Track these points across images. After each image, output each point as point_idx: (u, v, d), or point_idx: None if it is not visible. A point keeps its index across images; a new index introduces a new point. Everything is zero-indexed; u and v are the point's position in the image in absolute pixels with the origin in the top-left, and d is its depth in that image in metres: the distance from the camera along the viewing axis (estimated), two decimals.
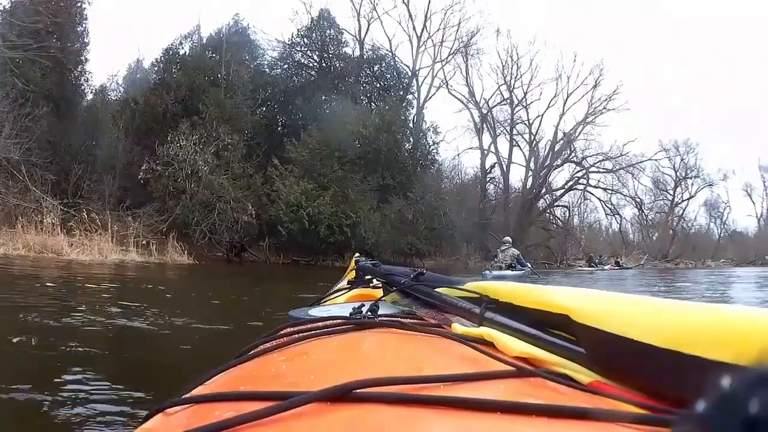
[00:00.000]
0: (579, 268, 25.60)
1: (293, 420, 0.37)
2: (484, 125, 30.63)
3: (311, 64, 22.49)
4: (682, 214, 39.76)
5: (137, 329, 3.46)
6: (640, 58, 64.41)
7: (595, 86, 31.55)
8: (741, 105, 64.70)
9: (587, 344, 0.50)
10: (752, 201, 44.41)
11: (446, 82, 28.28)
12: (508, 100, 30.98)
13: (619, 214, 34.73)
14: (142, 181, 15.06)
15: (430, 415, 0.37)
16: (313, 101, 19.18)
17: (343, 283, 1.83)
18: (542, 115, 31.85)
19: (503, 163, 31.16)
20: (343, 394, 0.39)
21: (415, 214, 19.46)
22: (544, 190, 31.80)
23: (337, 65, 22.24)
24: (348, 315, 0.84)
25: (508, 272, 12.69)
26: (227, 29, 19.88)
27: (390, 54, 24.82)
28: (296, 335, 0.71)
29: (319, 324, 0.76)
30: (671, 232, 37.91)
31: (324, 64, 22.15)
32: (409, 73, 25.43)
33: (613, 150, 32.55)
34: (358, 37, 23.84)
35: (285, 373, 0.55)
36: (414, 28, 25.85)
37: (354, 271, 1.76)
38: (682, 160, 37.99)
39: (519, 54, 31.04)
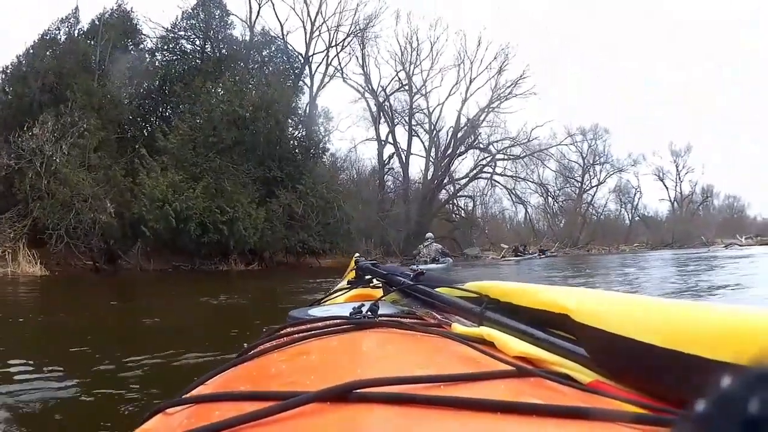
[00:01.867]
0: (505, 258, 25.58)
1: (293, 420, 0.37)
2: (381, 114, 29.33)
3: (195, 49, 20.63)
4: (591, 200, 39.88)
5: None
6: (549, 42, 63.72)
7: (499, 71, 30.55)
8: (652, 90, 66.96)
9: (587, 344, 0.50)
10: (665, 185, 44.99)
11: (341, 69, 26.88)
12: (407, 87, 29.69)
13: (524, 202, 34.24)
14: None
15: (430, 415, 0.37)
16: (192, 87, 17.15)
17: (343, 283, 1.82)
18: (443, 103, 30.84)
19: (402, 153, 30.05)
20: (343, 394, 0.39)
21: (305, 209, 17.70)
22: (446, 180, 30.81)
23: (223, 50, 20.44)
24: (348, 315, 0.83)
25: (432, 265, 13.41)
26: (108, 13, 18.41)
27: (281, 39, 23.22)
28: (296, 335, 0.70)
29: (319, 324, 0.76)
30: (580, 218, 37.75)
31: (209, 49, 20.37)
32: (302, 60, 23.88)
33: (521, 136, 32.01)
34: (248, 21, 22.20)
35: (285, 373, 0.54)
36: (308, 13, 24.39)
37: (354, 270, 1.75)
38: (590, 146, 38.04)
39: (419, 39, 29.84)
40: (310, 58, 24.48)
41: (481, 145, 31.45)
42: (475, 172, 31.81)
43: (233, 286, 10.30)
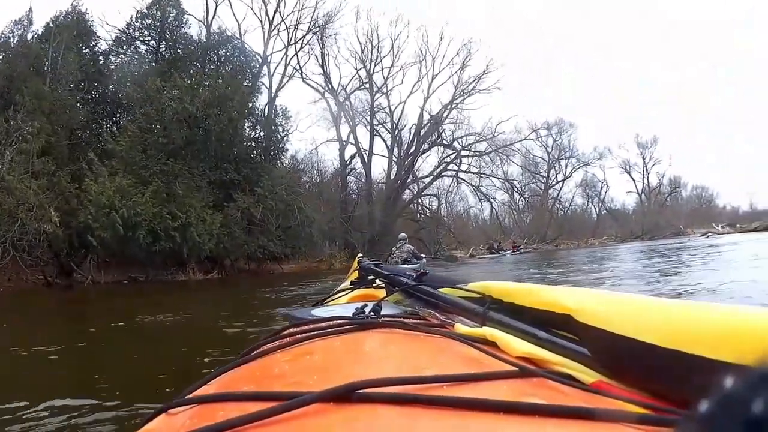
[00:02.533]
0: (480, 257, 25.38)
1: (297, 420, 0.37)
2: (342, 114, 28.24)
3: (149, 50, 19.98)
4: (558, 195, 39.66)
5: None
6: (514, 37, 64.29)
7: (462, 67, 29.69)
8: (616, 84, 69.49)
9: (590, 344, 0.50)
10: (632, 178, 44.88)
11: (300, 69, 25.90)
12: (367, 85, 28.63)
13: (490, 199, 33.35)
14: None
15: (433, 415, 0.37)
16: (146, 89, 16.18)
17: (346, 284, 1.83)
18: (405, 102, 30.14)
19: (364, 153, 28.87)
20: (346, 394, 0.39)
21: (264, 212, 16.69)
22: (410, 179, 29.95)
23: (179, 50, 19.69)
24: (351, 315, 0.83)
25: (404, 266, 13.50)
26: (63, 15, 17.95)
27: (239, 39, 22.29)
28: (299, 335, 0.70)
29: (323, 324, 0.75)
30: (547, 214, 37.42)
31: (163, 49, 19.65)
32: (260, 59, 22.82)
33: (486, 131, 31.24)
34: (205, 21, 21.44)
35: (288, 373, 0.54)
36: (266, 12, 23.49)
37: (357, 271, 1.75)
38: (555, 141, 37.73)
39: (380, 36, 28.82)
40: (269, 58, 23.72)
41: (445, 142, 30.89)
42: (439, 170, 31.14)
43: (184, 299, 9.45)
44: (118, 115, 18.95)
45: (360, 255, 2.68)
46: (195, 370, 3.13)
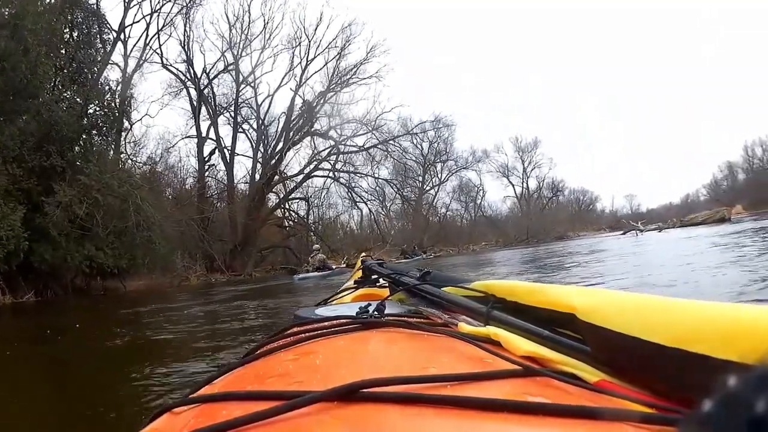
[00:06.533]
0: (397, 261, 23.77)
1: (300, 419, 0.37)
2: (203, 104, 24.53)
3: None
4: (434, 200, 38.18)
5: None
6: (400, 26, 64.13)
7: (341, 53, 26.22)
8: (496, 86, 69.93)
9: (593, 343, 0.50)
10: (510, 182, 44.64)
11: (161, 53, 22.45)
12: (233, 69, 24.97)
13: (366, 201, 29.91)
14: None
15: (437, 414, 0.37)
16: None
17: (350, 283, 1.83)
18: (273, 95, 26.24)
19: (226, 151, 25.09)
20: (349, 394, 0.39)
21: (90, 209, 12.22)
22: (277, 178, 26.16)
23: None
24: (354, 314, 0.84)
25: (315, 273, 13.92)
26: None
27: (93, 4, 17.75)
28: (303, 335, 0.70)
29: (326, 323, 0.76)
30: (423, 219, 35.64)
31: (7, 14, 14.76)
32: (113, 36, 18.97)
33: (368, 123, 27.46)
34: None
35: (292, 373, 0.54)
36: None
37: (360, 270, 1.76)
38: (431, 143, 35.99)
39: (252, 16, 24.90)
40: (124, 32, 19.96)
41: (320, 132, 27.25)
42: (311, 167, 27.38)
43: None
44: None
45: (363, 254, 2.68)
46: None
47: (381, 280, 1.51)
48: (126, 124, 17.72)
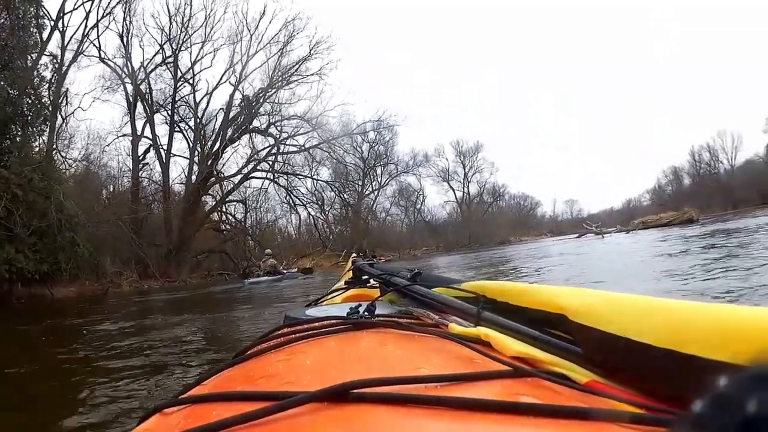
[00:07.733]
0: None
1: (290, 420, 0.37)
2: (138, 102, 23.54)
3: None
4: (373, 205, 37.87)
5: None
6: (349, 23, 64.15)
7: (282, 51, 25.32)
8: (450, 83, 70.60)
9: (584, 344, 0.50)
10: (451, 187, 44.87)
11: (99, 46, 21.39)
12: (171, 63, 24.11)
13: (305, 203, 28.86)
14: None
15: (427, 415, 0.37)
16: None
17: (341, 284, 1.82)
18: (212, 92, 25.46)
19: (162, 150, 24.12)
20: (339, 394, 0.39)
21: (8, 205, 11.23)
22: (213, 179, 25.35)
23: None
24: (345, 315, 0.83)
25: (266, 278, 14.32)
26: None
27: None
28: (293, 335, 0.70)
29: (316, 324, 0.75)
30: (362, 223, 34.88)
31: None
32: (51, 24, 17.91)
33: (309, 120, 26.22)
34: None
35: (282, 374, 0.54)
36: None
37: (351, 271, 1.75)
38: (371, 146, 35.58)
39: (193, 9, 23.97)
40: (64, 19, 18.75)
41: (259, 129, 26.30)
42: (249, 169, 26.51)
43: None
44: None
45: (354, 255, 2.68)
46: None
47: (372, 280, 1.51)
48: (59, 117, 16.90)
